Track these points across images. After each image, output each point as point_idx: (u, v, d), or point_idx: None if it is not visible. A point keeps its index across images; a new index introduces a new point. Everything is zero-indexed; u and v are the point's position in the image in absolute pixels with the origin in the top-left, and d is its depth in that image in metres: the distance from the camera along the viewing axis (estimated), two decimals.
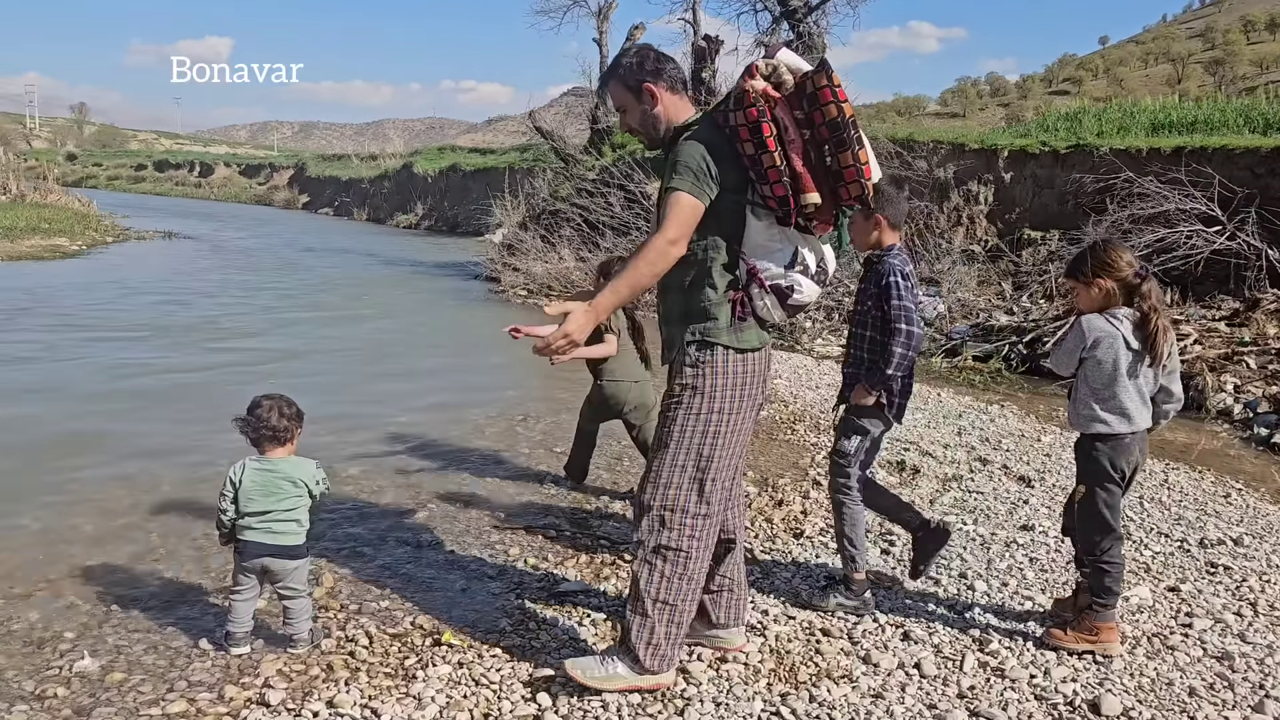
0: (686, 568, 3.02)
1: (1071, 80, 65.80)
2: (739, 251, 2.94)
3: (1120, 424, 3.47)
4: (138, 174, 78.47)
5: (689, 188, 2.81)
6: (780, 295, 2.93)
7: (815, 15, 19.59)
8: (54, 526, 4.79)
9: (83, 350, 9.63)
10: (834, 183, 2.83)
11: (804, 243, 2.94)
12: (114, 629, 3.68)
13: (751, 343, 2.99)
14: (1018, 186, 14.88)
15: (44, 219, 24.44)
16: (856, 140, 2.78)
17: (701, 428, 2.98)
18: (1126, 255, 3.49)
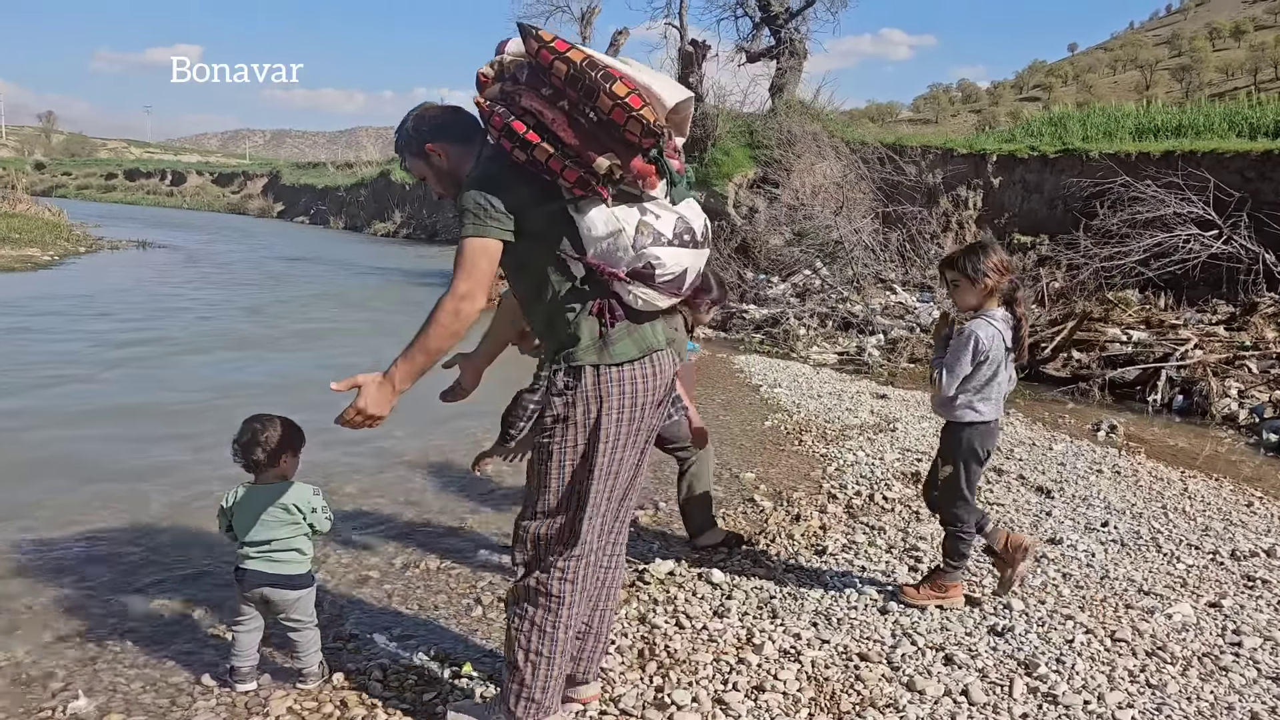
0: (559, 614, 2.74)
1: (1042, 86, 66.45)
2: (581, 259, 2.59)
3: (991, 412, 3.82)
4: (108, 183, 77.51)
5: (470, 230, 2.54)
6: (645, 279, 2.56)
7: (796, 21, 19.52)
8: (37, 553, 4.53)
9: (60, 366, 9.32)
10: (615, 133, 2.44)
11: (645, 213, 2.56)
12: (108, 665, 3.44)
13: (628, 353, 2.64)
14: (1006, 191, 14.86)
15: (14, 229, 23.94)
16: (603, 78, 2.38)
17: (575, 461, 2.66)
18: (1006, 259, 3.78)
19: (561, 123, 2.45)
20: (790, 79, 18.52)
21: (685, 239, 2.60)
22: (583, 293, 2.60)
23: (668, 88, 2.54)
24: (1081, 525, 5.10)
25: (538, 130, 2.47)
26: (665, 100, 2.51)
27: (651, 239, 2.53)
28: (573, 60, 2.40)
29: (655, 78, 2.54)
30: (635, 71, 2.50)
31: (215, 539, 4.68)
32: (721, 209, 15.50)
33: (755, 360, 10.74)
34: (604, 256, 2.55)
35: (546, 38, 2.44)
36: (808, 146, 15.85)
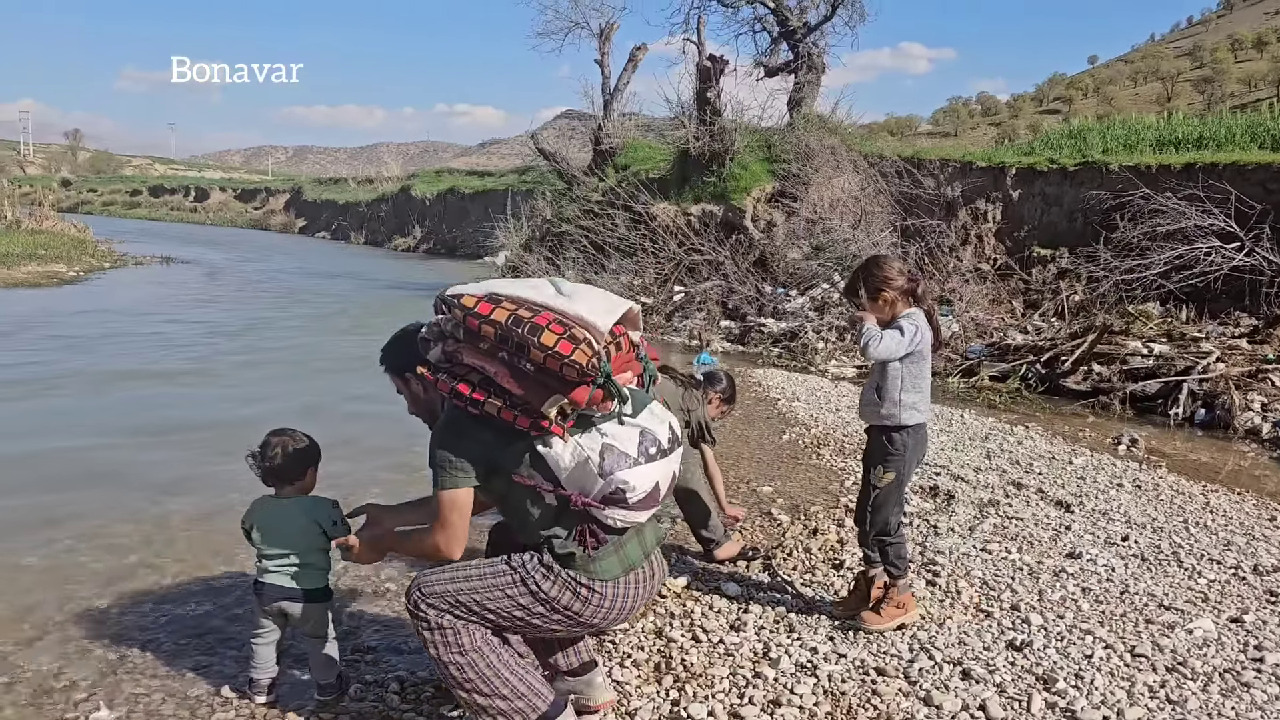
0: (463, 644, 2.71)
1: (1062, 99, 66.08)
2: (555, 491, 2.66)
3: (926, 411, 3.84)
4: (133, 199, 78.35)
5: (440, 483, 2.68)
6: (618, 503, 2.63)
7: (814, 36, 19.54)
8: (61, 565, 4.59)
9: (84, 381, 9.43)
10: (554, 378, 2.53)
11: (606, 435, 2.64)
12: (130, 675, 3.48)
13: (612, 571, 2.71)
14: (1026, 204, 14.80)
15: (40, 245, 24.27)
16: (530, 331, 2.50)
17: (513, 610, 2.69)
18: (897, 265, 3.80)
19: (504, 375, 2.57)
20: (808, 93, 18.55)
21: (651, 452, 2.67)
22: (562, 519, 2.68)
23: (603, 311, 2.64)
24: (1101, 540, 5.06)
25: (483, 386, 2.60)
26: (600, 326, 2.59)
27: (617, 463, 2.59)
28: (498, 321, 2.53)
29: (591, 301, 2.65)
30: (566, 300, 2.61)
31: (234, 552, 4.74)
32: (739, 223, 15.53)
33: (773, 374, 10.73)
34: (575, 485, 2.63)
35: (469, 304, 2.57)
36: (826, 160, 15.86)
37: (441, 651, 2.69)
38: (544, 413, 2.55)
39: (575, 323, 2.56)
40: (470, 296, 2.61)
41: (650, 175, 17.22)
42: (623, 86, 19.65)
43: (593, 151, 19.50)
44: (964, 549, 4.84)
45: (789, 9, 19.43)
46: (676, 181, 16.84)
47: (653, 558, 2.86)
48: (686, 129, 16.63)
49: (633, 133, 20.30)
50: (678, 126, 17.30)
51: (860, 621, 3.84)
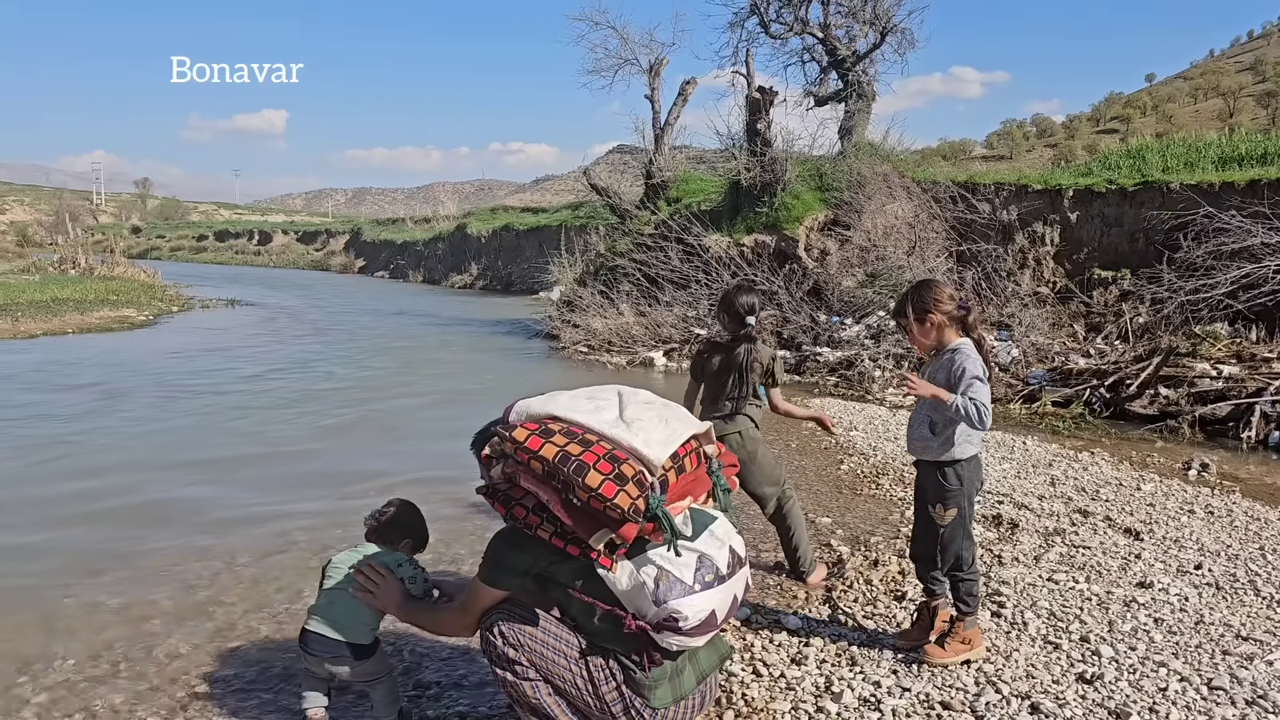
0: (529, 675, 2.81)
1: (1119, 118, 64.95)
2: (611, 610, 2.72)
3: (979, 442, 3.77)
4: (199, 244, 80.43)
5: (485, 576, 2.83)
6: (672, 629, 2.65)
7: (863, 64, 19.52)
8: (133, 602, 4.70)
9: (152, 419, 9.68)
10: (600, 515, 2.59)
11: (663, 562, 2.67)
12: (200, 713, 3.55)
13: (665, 701, 2.78)
14: (1085, 226, 14.57)
15: (112, 291, 25.02)
16: (576, 471, 2.56)
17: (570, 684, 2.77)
18: (949, 290, 3.75)
19: (556, 503, 2.64)
20: (859, 121, 18.51)
21: (708, 579, 2.70)
22: (620, 637, 2.73)
23: (660, 441, 2.67)
24: (1173, 568, 4.93)
25: (537, 511, 2.69)
26: (655, 460, 2.63)
27: (671, 590, 2.63)
28: (545, 458, 2.60)
29: (649, 431, 2.68)
30: (624, 430, 2.66)
31: (299, 588, 4.81)
32: (793, 252, 15.49)
33: (830, 403, 10.64)
34: (632, 606, 2.68)
35: (520, 438, 2.66)
36: (878, 187, 15.78)
37: (505, 673, 2.79)
38: (592, 545, 2.60)
39: (628, 455, 2.61)
40: (523, 430, 2.68)
41: (702, 207, 17.28)
42: (673, 120, 19.78)
43: (644, 185, 19.63)
44: (1029, 579, 4.75)
45: (837, 38, 19.46)
46: (728, 213, 16.88)
47: (706, 683, 2.94)
48: (737, 160, 16.68)
49: (684, 166, 20.41)
50: (729, 158, 17.37)
51: (924, 655, 3.76)
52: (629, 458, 2.61)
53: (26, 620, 4.47)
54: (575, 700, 2.78)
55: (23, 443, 8.46)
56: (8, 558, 5.38)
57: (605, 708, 2.75)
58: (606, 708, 2.75)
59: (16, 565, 5.25)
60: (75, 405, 10.33)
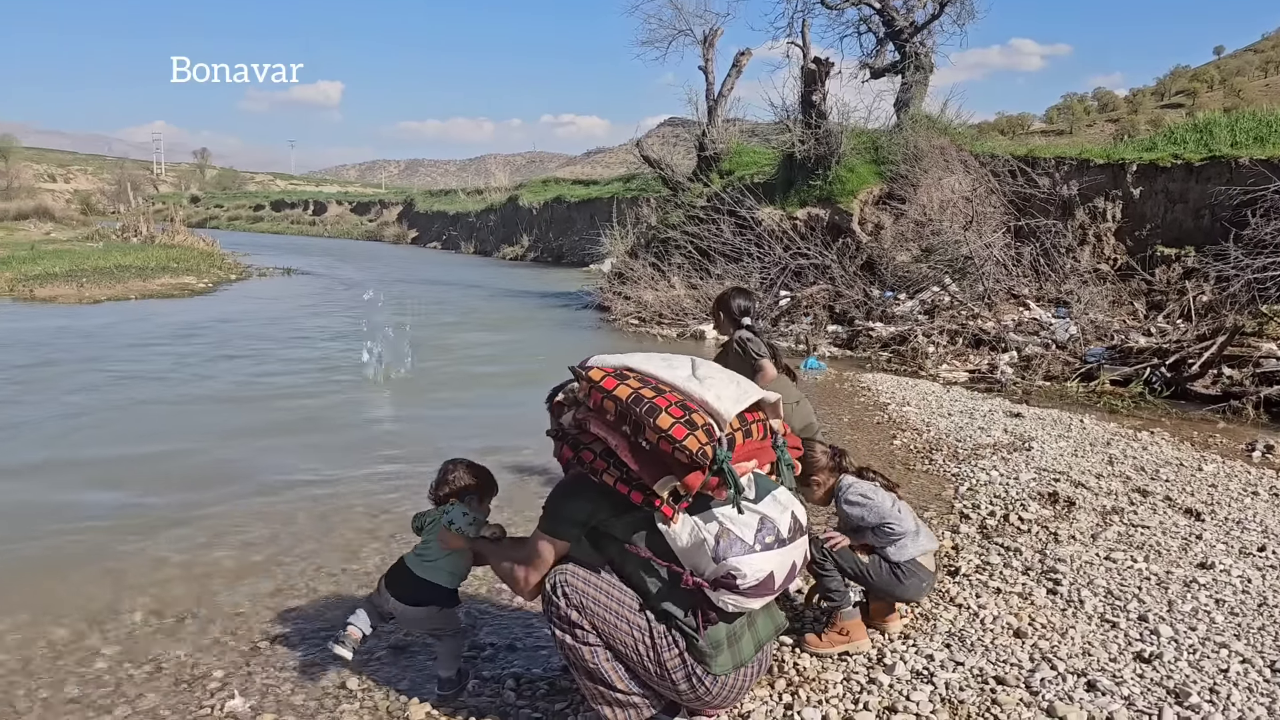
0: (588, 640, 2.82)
1: (1185, 92, 63.04)
2: (668, 566, 2.72)
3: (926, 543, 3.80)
4: (256, 214, 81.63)
5: (544, 526, 2.85)
6: (729, 588, 2.65)
7: (921, 35, 19.17)
8: (195, 560, 4.83)
9: (209, 383, 9.88)
10: (667, 460, 2.60)
11: (725, 521, 2.67)
12: (261, 667, 3.64)
13: (725, 667, 2.78)
14: (1148, 202, 14.21)
15: (172, 258, 25.53)
16: (648, 412, 2.58)
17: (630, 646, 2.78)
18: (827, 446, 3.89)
19: (624, 448, 2.66)
20: (916, 93, 18.20)
21: (768, 541, 2.70)
22: (676, 595, 2.73)
23: (731, 398, 2.69)
24: (1235, 549, 4.83)
25: (604, 456, 2.71)
26: (725, 414, 2.64)
27: (732, 548, 2.63)
28: (619, 398, 2.64)
29: (721, 387, 2.69)
30: (697, 384, 2.67)
31: (355, 551, 4.91)
32: (846, 226, 15.34)
33: (882, 378, 10.55)
34: (690, 562, 2.69)
35: (595, 377, 2.71)
36: (935, 160, 15.53)
37: (565, 635, 2.80)
38: (656, 491, 2.61)
39: (699, 407, 2.62)
40: (599, 370, 2.72)
41: (755, 180, 17.14)
42: (727, 92, 19.61)
43: (697, 157, 19.52)
44: (1086, 557, 4.69)
45: (895, 9, 19.12)
46: (782, 185, 16.73)
47: (765, 650, 2.94)
48: (791, 133, 16.50)
49: (737, 138, 20.23)
50: (782, 130, 17.18)
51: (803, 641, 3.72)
52: (699, 409, 2.63)
53: (94, 575, 4.61)
54: (635, 666, 2.80)
55: (93, 403, 8.69)
56: (76, 515, 5.54)
57: (665, 674, 2.76)
58: (667, 674, 2.76)
59: (84, 522, 5.41)
60: (142, 368, 10.58)
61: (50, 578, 4.56)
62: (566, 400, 2.86)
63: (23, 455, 6.91)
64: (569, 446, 2.80)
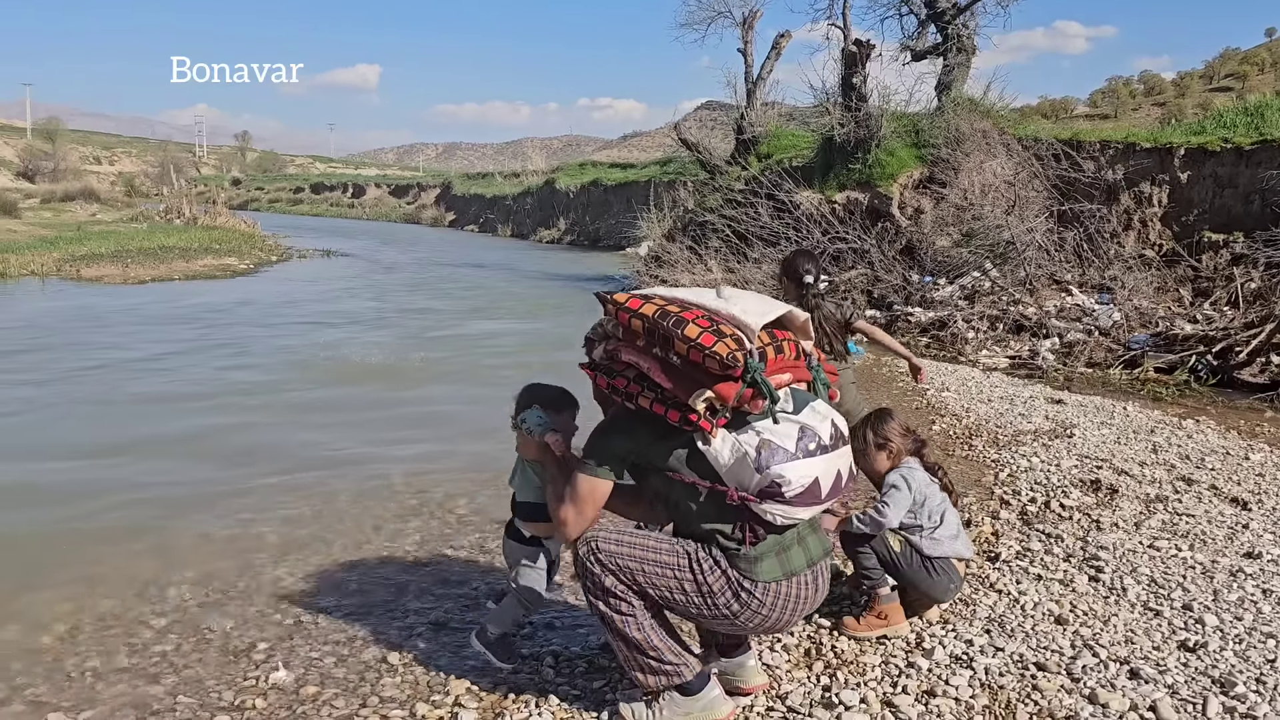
0: (621, 609, 2.81)
1: (1235, 75, 61.69)
2: (712, 487, 2.70)
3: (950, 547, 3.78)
4: (296, 196, 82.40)
5: (585, 469, 2.81)
6: (774, 497, 2.64)
7: (964, 17, 18.87)
8: (241, 535, 4.91)
9: (254, 361, 10.01)
10: (700, 372, 2.61)
11: (764, 433, 2.66)
12: (304, 640, 3.70)
13: (773, 574, 2.74)
14: (1195, 186, 13.95)
15: (214, 240, 25.89)
16: (675, 324, 2.60)
17: (674, 588, 2.77)
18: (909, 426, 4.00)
19: (656, 369, 2.67)
20: (958, 76, 17.93)
21: (810, 448, 2.69)
22: (722, 514, 2.72)
23: (756, 312, 2.69)
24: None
25: (639, 380, 2.72)
26: (751, 325, 2.64)
27: (774, 457, 2.62)
28: (646, 315, 2.66)
29: (746, 305, 2.70)
30: (722, 303, 2.68)
31: (396, 528, 4.97)
32: (886, 210, 15.19)
33: (921, 364, 10.44)
34: (734, 480, 2.67)
35: (621, 300, 2.72)
36: (977, 144, 15.33)
37: (602, 605, 2.81)
38: (692, 406, 2.61)
39: (725, 320, 2.64)
40: (624, 294, 2.74)
41: (794, 163, 17.00)
42: (765, 75, 19.47)
43: (735, 141, 19.41)
44: (1129, 545, 4.63)
45: None
46: (821, 169, 16.59)
47: (818, 569, 2.87)
48: (831, 116, 16.35)
49: (775, 121, 20.09)
50: (822, 113, 17.01)
51: (840, 624, 3.71)
52: (726, 323, 2.65)
53: (142, 548, 4.71)
54: (684, 605, 2.78)
55: (135, 383, 8.84)
56: (123, 490, 5.66)
57: (713, 600, 2.74)
58: (714, 599, 2.74)
59: (131, 496, 5.53)
60: (188, 347, 10.75)
61: (99, 551, 4.66)
62: (596, 336, 2.88)
63: (69, 437, 7.05)
64: (603, 375, 2.83)
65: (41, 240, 24.24)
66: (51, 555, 4.61)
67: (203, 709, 3.17)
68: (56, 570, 4.41)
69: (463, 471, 6.05)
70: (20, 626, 3.83)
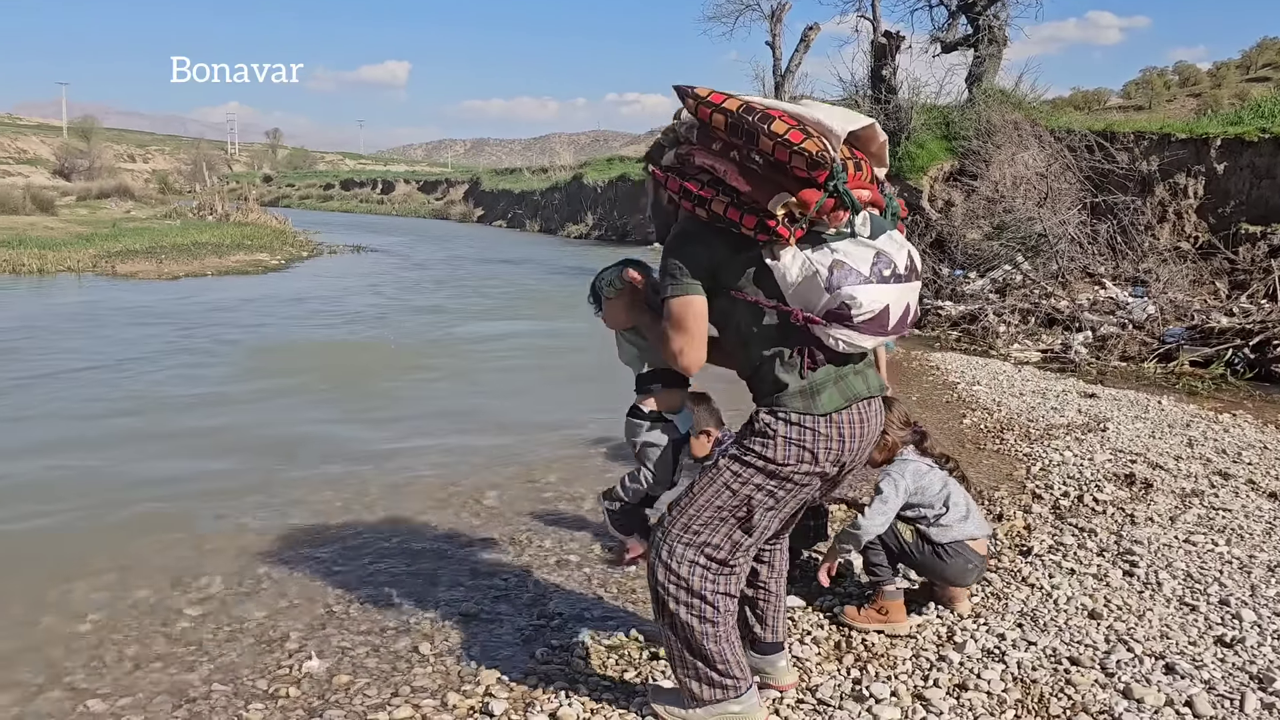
0: (705, 611, 2.71)
1: (1273, 65, 60.59)
2: (777, 307, 2.56)
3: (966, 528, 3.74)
4: (326, 193, 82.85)
5: (670, 291, 2.62)
6: (842, 320, 2.50)
7: (995, 8, 18.69)
8: (271, 526, 4.95)
9: (279, 358, 10.11)
10: (781, 174, 2.43)
11: (838, 252, 2.52)
12: (336, 630, 3.73)
13: (834, 403, 2.57)
14: (1232, 178, 13.74)
15: (246, 236, 26.11)
16: (761, 119, 2.40)
17: (753, 498, 2.65)
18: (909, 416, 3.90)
19: (733, 173, 2.49)
20: (989, 67, 17.77)
21: (884, 274, 2.54)
22: (783, 339, 2.59)
23: (840, 118, 2.51)
24: None
25: (713, 185, 2.53)
26: (835, 129, 2.45)
27: (847, 278, 2.49)
28: (729, 110, 2.45)
29: (829, 112, 2.52)
30: (804, 109, 2.51)
31: (425, 520, 5.00)
32: (916, 203, 15.08)
33: (952, 357, 10.39)
34: (800, 301, 2.54)
35: (702, 93, 2.50)
36: (1008, 136, 15.19)
37: (685, 614, 2.71)
38: (771, 211, 2.45)
39: (809, 122, 2.45)
40: (705, 89, 2.54)
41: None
42: (794, 68, 19.41)
43: None
44: (1165, 539, 4.57)
45: None
46: None
47: (877, 402, 2.75)
48: (860, 108, 16.25)
49: None
50: (851, 105, 16.90)
51: (842, 613, 3.74)
52: (809, 124, 2.47)
53: (178, 539, 4.76)
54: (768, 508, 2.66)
55: (170, 377, 8.95)
56: (159, 483, 5.73)
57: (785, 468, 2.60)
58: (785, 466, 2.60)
59: (167, 489, 5.59)
60: (215, 342, 10.86)
61: (134, 541, 4.72)
62: (667, 141, 2.71)
63: (103, 428, 7.14)
64: (675, 176, 2.62)
65: (78, 237, 24.57)
66: (85, 547, 4.68)
67: (237, 696, 3.21)
68: (91, 560, 4.46)
69: (488, 465, 6.08)
70: (57, 616, 3.89)
